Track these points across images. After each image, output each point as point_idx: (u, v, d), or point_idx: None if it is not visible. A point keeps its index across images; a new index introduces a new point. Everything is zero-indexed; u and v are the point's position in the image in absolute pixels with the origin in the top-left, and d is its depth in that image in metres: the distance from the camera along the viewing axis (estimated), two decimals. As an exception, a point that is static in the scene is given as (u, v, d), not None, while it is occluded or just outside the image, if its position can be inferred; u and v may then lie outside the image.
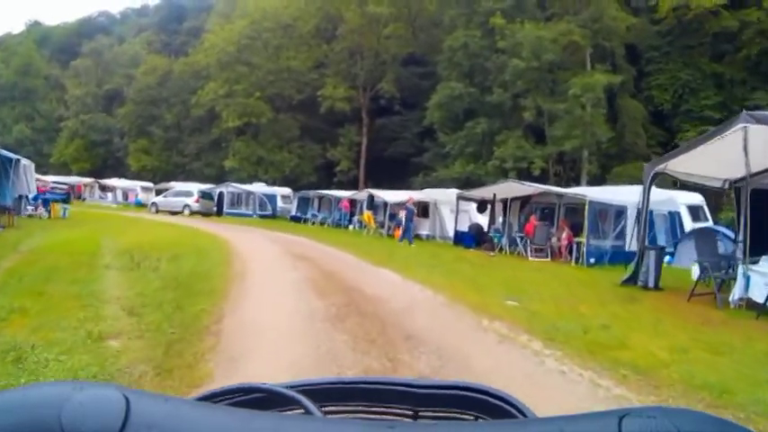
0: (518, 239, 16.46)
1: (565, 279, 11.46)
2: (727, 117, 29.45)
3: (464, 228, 19.09)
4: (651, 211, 15.87)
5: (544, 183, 22.48)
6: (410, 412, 0.74)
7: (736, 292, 8.44)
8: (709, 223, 16.81)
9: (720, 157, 9.29)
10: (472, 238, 18.26)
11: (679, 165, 10.05)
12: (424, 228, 21.28)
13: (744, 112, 8.16)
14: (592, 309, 7.96)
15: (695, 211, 17.64)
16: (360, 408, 0.74)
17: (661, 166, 10.25)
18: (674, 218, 16.34)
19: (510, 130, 31.96)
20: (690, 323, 7.31)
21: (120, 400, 0.45)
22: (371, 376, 0.88)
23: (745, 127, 8.06)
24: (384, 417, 0.73)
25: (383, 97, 39.21)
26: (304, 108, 41.48)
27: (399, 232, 19.21)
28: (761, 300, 7.89)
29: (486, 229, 18.69)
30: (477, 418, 0.71)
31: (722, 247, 13.14)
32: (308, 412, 0.61)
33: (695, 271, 10.10)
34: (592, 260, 14.03)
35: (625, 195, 15.96)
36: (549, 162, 31.78)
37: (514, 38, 30.09)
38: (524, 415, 0.68)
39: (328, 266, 11.21)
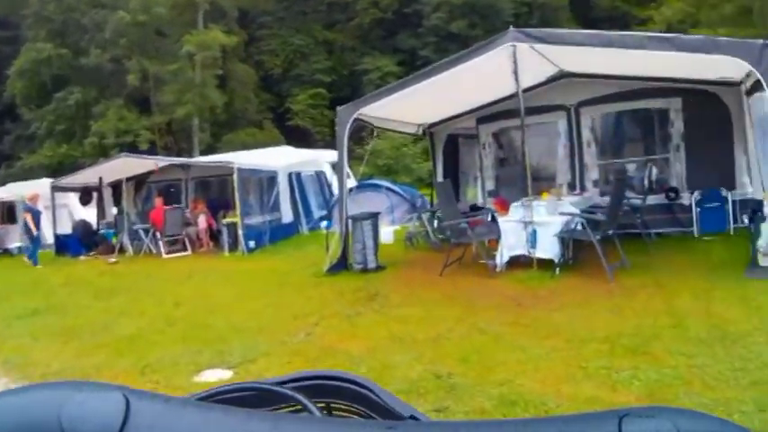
0: (142, 233, 13.13)
1: (240, 282, 8.90)
2: (336, 81, 34.43)
3: (67, 229, 14.44)
4: (299, 174, 15.19)
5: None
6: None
7: (504, 253, 7.54)
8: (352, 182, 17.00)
9: (419, 99, 8.47)
10: (79, 242, 13.86)
11: (375, 110, 8.85)
12: (14, 238, 15.35)
13: (512, 28, 7.18)
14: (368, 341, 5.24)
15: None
16: None
17: (359, 112, 8.69)
18: (320, 178, 15.92)
19: (109, 99, 28.50)
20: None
21: (120, 401, 0.47)
22: (220, 387, 0.72)
23: (514, 46, 7.11)
24: None
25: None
26: None
27: None
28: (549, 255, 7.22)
29: (96, 226, 14.54)
30: (329, 403, 0.77)
31: (388, 202, 13.31)
32: (307, 411, 0.64)
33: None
34: (251, 244, 11.89)
35: (269, 159, 14.64)
36: (158, 133, 29.27)
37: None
38: (377, 396, 0.74)
39: None
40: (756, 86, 6.98)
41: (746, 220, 8.45)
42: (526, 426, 0.50)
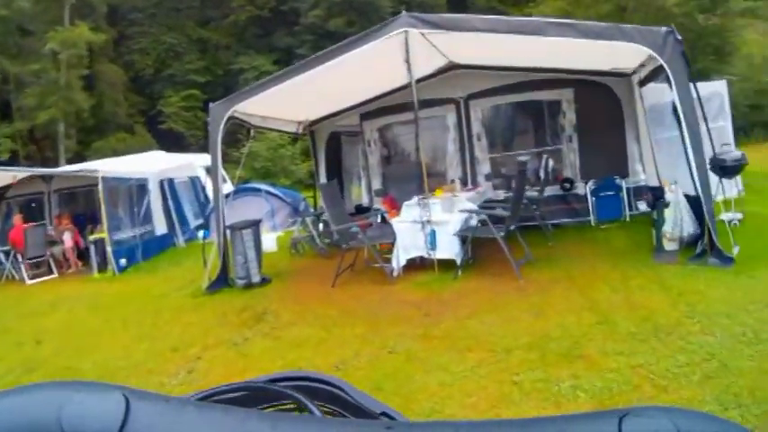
0: (2, 256, 10.95)
1: (111, 309, 7.55)
2: (211, 82, 32.73)
3: None
4: (172, 180, 13.64)
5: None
6: None
7: (401, 256, 6.87)
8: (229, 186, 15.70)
9: (299, 95, 7.65)
10: None
11: (252, 107, 7.78)
12: None
13: (404, 12, 6.44)
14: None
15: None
16: None
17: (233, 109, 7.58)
18: (195, 184, 14.46)
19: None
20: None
21: (120, 401, 0.47)
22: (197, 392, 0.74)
23: (407, 31, 6.41)
24: None
25: None
26: None
27: None
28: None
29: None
30: (298, 406, 0.73)
31: (268, 207, 12.26)
32: (307, 411, 0.65)
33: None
34: (123, 262, 10.28)
35: (139, 165, 13.00)
36: (20, 142, 26.34)
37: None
38: (348, 394, 0.76)
39: None
40: (651, 76, 6.98)
41: (641, 207, 8.59)
42: (526, 426, 0.49)
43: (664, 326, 4.16)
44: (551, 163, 8.45)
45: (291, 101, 8.12)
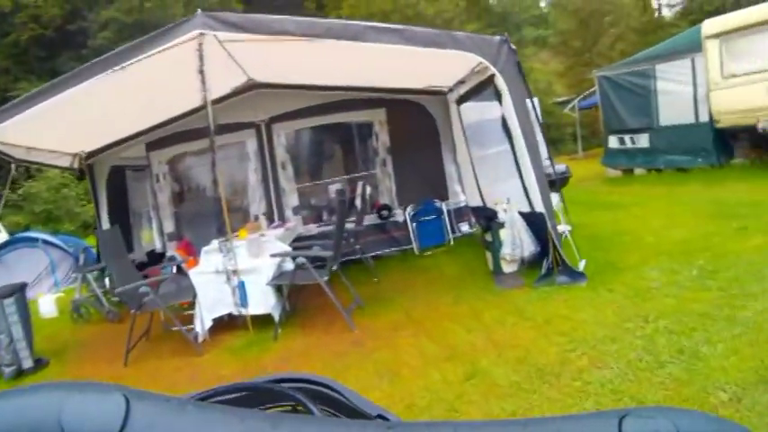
0: None
1: None
2: None
3: None
4: None
5: None
6: None
7: (205, 317, 5.42)
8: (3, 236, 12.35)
9: (70, 119, 5.88)
10: None
11: (11, 135, 5.65)
12: None
13: (200, 11, 4.98)
14: None
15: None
16: None
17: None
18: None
19: None
20: None
21: (120, 401, 0.48)
22: (193, 393, 0.76)
23: (203, 35, 4.99)
24: None
25: None
26: None
27: None
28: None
29: None
30: (294, 406, 0.74)
31: (46, 260, 9.66)
32: (307, 410, 0.67)
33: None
34: None
35: None
36: None
37: None
38: (343, 395, 0.77)
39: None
40: (472, 92, 6.62)
41: (464, 228, 8.24)
42: (526, 426, 0.50)
43: (547, 366, 3.40)
44: (368, 190, 7.70)
45: (62, 127, 6.21)
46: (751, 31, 9.07)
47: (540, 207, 5.44)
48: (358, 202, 8.12)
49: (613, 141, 12.35)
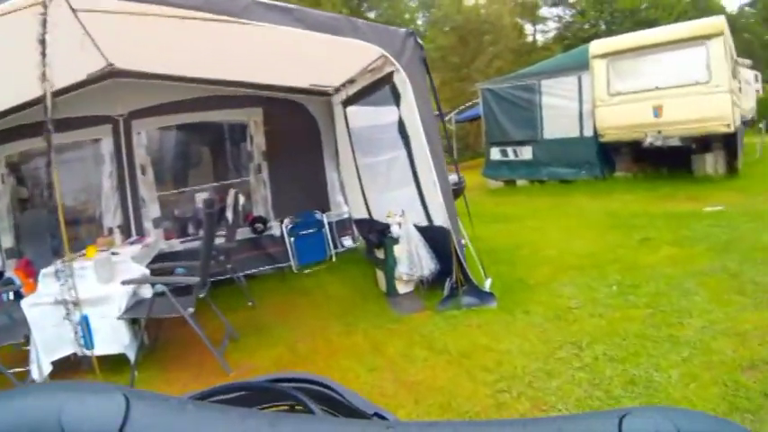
0: None
1: None
2: None
3: None
4: None
5: None
6: None
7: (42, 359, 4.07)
8: None
9: None
10: None
11: None
12: None
13: None
14: None
15: None
16: None
17: None
18: None
19: None
20: None
21: (120, 400, 0.47)
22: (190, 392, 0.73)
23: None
24: None
25: None
26: None
27: None
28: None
29: None
30: (292, 406, 0.73)
31: None
32: (307, 410, 0.66)
33: None
34: None
35: None
36: None
37: None
38: (341, 395, 0.76)
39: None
40: (363, 93, 5.93)
41: (347, 243, 7.57)
42: (526, 426, 0.50)
43: (481, 413, 2.71)
44: (241, 200, 6.70)
45: None
46: (637, 53, 9.46)
47: (440, 220, 4.83)
48: (229, 214, 7.08)
49: (495, 153, 12.32)
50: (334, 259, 7.27)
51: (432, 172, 4.65)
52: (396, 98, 4.96)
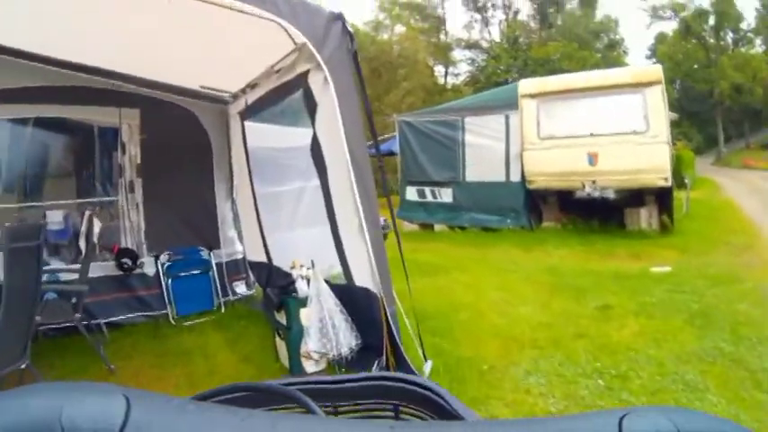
0: None
1: None
2: None
3: None
4: None
5: None
6: (330, 409, 0.79)
7: None
8: None
9: None
10: None
11: None
12: None
13: None
14: None
15: None
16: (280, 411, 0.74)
17: None
18: None
19: None
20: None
21: (121, 400, 0.48)
22: (284, 378, 0.47)
23: None
24: None
25: None
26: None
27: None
28: None
29: None
30: (396, 405, 0.79)
31: None
32: (308, 410, 0.66)
33: None
34: None
35: None
36: None
37: None
38: (442, 398, 0.75)
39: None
40: (263, 104, 4.69)
41: (239, 290, 6.21)
42: (526, 426, 0.50)
43: None
44: (98, 225, 5.19)
45: None
46: (570, 95, 8.94)
47: (364, 278, 3.65)
48: (81, 243, 5.51)
49: (412, 193, 11.41)
50: (223, 310, 5.88)
51: (357, 212, 3.46)
52: (310, 109, 3.76)
